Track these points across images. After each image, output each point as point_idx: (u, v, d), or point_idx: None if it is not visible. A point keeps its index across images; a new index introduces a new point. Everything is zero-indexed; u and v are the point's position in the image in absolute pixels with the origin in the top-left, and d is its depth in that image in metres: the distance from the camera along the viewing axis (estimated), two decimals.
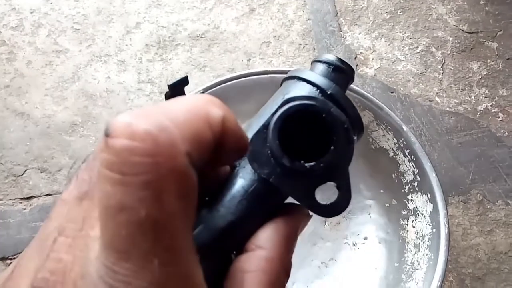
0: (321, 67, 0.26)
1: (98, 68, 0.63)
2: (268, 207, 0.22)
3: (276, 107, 0.21)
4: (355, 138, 0.23)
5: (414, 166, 0.48)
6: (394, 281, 0.48)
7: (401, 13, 0.69)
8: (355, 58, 0.66)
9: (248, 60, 0.65)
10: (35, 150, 0.59)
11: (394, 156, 0.51)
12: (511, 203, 0.58)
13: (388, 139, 0.50)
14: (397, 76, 0.65)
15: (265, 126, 0.21)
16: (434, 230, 0.45)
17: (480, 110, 0.63)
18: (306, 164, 0.20)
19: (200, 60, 0.65)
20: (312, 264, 0.54)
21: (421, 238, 0.47)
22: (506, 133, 0.62)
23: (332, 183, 0.21)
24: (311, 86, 0.24)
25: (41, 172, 0.58)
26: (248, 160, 0.21)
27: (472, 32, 0.68)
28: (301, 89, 0.24)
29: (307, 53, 0.66)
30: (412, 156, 0.48)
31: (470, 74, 0.65)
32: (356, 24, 0.68)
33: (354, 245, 0.54)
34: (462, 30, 0.68)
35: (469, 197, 0.58)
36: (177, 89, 0.25)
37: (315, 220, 0.49)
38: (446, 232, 0.44)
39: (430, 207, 0.47)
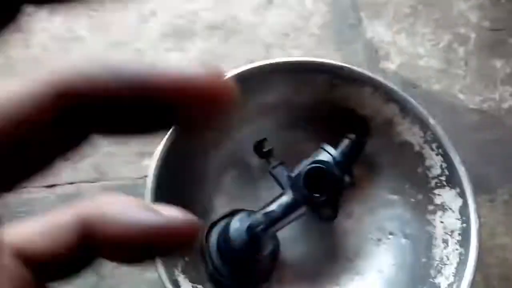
0: (345, 140, 0.49)
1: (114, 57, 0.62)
2: (295, 214, 0.45)
3: (308, 164, 0.44)
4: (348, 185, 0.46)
5: (442, 159, 0.47)
6: (422, 276, 0.47)
7: (422, 8, 0.68)
8: (376, 52, 0.65)
9: (267, 52, 0.64)
10: None
11: (420, 150, 0.50)
12: None
13: (414, 132, 0.49)
14: (419, 72, 0.64)
15: (300, 172, 0.44)
16: (464, 225, 0.45)
17: (505, 108, 0.62)
18: (315, 195, 0.42)
19: (218, 51, 0.64)
20: (337, 259, 0.53)
21: (450, 233, 0.46)
22: None
23: (328, 207, 0.46)
24: (329, 155, 0.46)
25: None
26: (290, 187, 0.45)
27: (495, 30, 0.67)
28: (324, 156, 0.46)
29: (327, 45, 0.65)
30: (440, 150, 0.47)
31: (494, 72, 0.65)
32: (377, 18, 0.67)
33: (379, 240, 0.53)
34: (484, 27, 0.67)
35: (495, 196, 0.57)
36: (259, 143, 0.52)
37: (338, 214, 0.48)
38: (476, 227, 0.43)
39: (459, 201, 0.46)
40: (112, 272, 0.53)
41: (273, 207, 0.45)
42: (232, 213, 0.52)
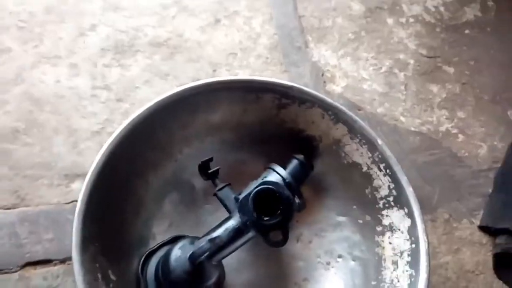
0: (294, 161, 0.49)
1: (46, 71, 0.57)
2: (243, 238, 0.42)
3: (257, 184, 0.41)
4: (296, 209, 0.44)
5: (390, 180, 0.47)
6: None
7: (365, 34, 0.70)
8: (322, 75, 0.65)
9: (214, 71, 0.62)
10: None
11: (368, 171, 0.49)
12: (475, 221, 0.58)
13: (362, 153, 0.49)
14: (363, 95, 0.65)
15: (249, 194, 0.40)
16: (413, 245, 0.44)
17: (442, 130, 0.65)
18: (265, 218, 0.40)
19: (162, 68, 0.61)
20: (285, 285, 0.51)
21: (399, 254, 0.45)
22: (466, 154, 0.63)
23: (278, 231, 0.41)
24: (278, 176, 0.46)
25: None
26: (237, 210, 0.41)
27: (431, 57, 0.71)
28: (274, 177, 0.46)
29: (274, 67, 0.64)
30: (388, 170, 0.47)
31: (431, 96, 0.67)
32: (323, 42, 0.68)
33: (328, 264, 0.51)
34: (422, 54, 0.71)
35: (436, 215, 0.58)
36: (205, 163, 0.47)
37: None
38: (426, 247, 0.43)
39: (407, 222, 0.45)
40: None
41: (218, 232, 0.42)
42: (173, 240, 0.48)
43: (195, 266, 0.42)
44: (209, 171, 0.47)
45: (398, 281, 0.44)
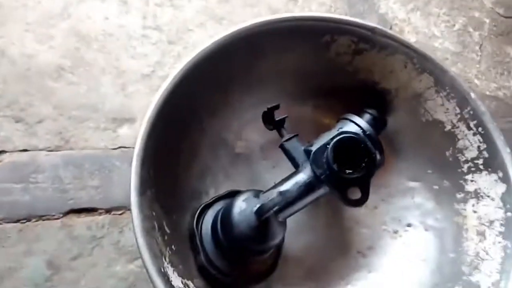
0: (366, 115, 0.43)
1: (94, 7, 0.52)
2: (314, 195, 0.37)
3: (334, 135, 0.36)
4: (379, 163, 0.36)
5: (481, 140, 0.41)
6: (452, 274, 0.41)
7: None
8: (390, 28, 0.59)
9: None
10: (9, 95, 0.46)
11: (453, 130, 0.44)
12: None
13: (447, 109, 0.43)
14: (434, 53, 0.58)
15: (325, 144, 0.35)
16: (508, 214, 0.39)
17: None
18: (347, 171, 0.34)
19: (218, 12, 0.55)
20: (348, 254, 0.46)
21: (487, 224, 0.40)
22: None
23: (358, 188, 0.35)
24: (357, 127, 0.39)
25: (16, 122, 0.46)
26: (310, 163, 0.36)
27: (509, 17, 0.64)
28: (351, 127, 0.39)
29: (341, 15, 0.58)
30: (480, 129, 0.41)
31: (508, 59, 0.61)
32: None
33: (395, 232, 0.47)
34: (499, 14, 0.63)
35: None
36: (270, 111, 0.41)
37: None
38: None
39: (501, 187, 0.40)
40: (70, 263, 0.43)
41: (287, 185, 0.37)
42: (230, 195, 0.44)
43: (262, 222, 0.37)
44: (275, 119, 0.42)
45: (487, 254, 0.39)
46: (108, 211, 0.46)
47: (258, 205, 0.37)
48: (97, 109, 0.48)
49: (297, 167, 0.39)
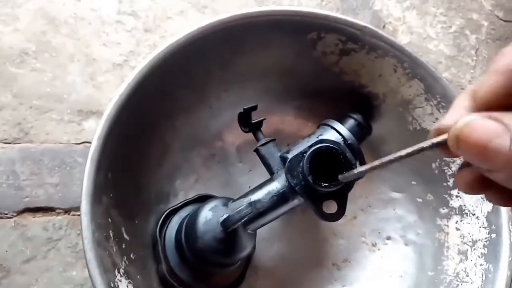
0: (351, 120, 0.39)
1: None
2: (288, 206, 0.34)
3: (312, 142, 0.34)
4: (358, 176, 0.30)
5: None
6: None
7: None
8: (384, 27, 0.56)
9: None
10: None
11: None
12: None
13: (437, 118, 0.41)
14: (428, 56, 0.56)
15: (302, 153, 0.33)
16: (492, 235, 0.36)
17: None
18: (323, 184, 0.30)
19: None
20: (322, 265, 0.43)
21: (470, 243, 0.38)
22: None
23: (334, 201, 0.32)
24: (338, 135, 0.37)
25: None
26: (284, 172, 0.33)
27: (508, 21, 0.60)
28: (331, 135, 0.37)
29: (330, 12, 0.55)
30: None
31: None
32: None
33: (374, 245, 0.44)
34: (498, 17, 0.60)
35: None
36: (246, 112, 0.38)
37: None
38: (510, 240, 0.35)
39: (488, 206, 0.37)
40: (21, 266, 0.40)
41: (259, 195, 0.34)
42: (199, 200, 0.41)
43: (228, 234, 0.34)
44: (252, 121, 0.38)
45: (467, 275, 0.37)
46: (67, 211, 0.42)
47: (225, 216, 0.34)
48: (62, 99, 0.44)
49: (272, 174, 0.37)
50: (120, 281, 0.31)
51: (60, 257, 0.41)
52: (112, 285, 0.30)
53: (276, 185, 0.34)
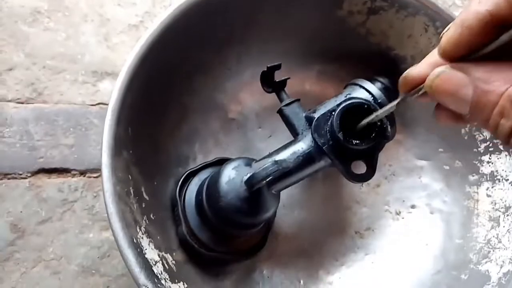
0: (378, 83, 0.37)
1: None
2: (313, 167, 0.33)
3: (341, 101, 0.33)
4: (389, 136, 0.32)
5: None
6: (458, 261, 0.37)
7: None
8: None
9: None
10: None
11: None
12: None
13: None
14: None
15: (330, 111, 0.31)
16: None
17: None
18: (353, 141, 0.29)
19: None
20: (344, 233, 0.42)
21: (502, 209, 0.36)
22: None
23: (362, 162, 0.31)
24: (368, 94, 0.36)
25: None
26: (311, 131, 0.32)
27: None
28: (361, 94, 0.36)
29: None
30: None
31: None
32: None
33: (398, 214, 0.43)
34: None
35: None
36: (270, 71, 0.36)
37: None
38: None
39: None
40: (36, 227, 0.39)
41: (284, 155, 0.33)
42: (219, 162, 0.39)
43: (253, 193, 0.33)
44: (275, 80, 0.37)
45: (500, 242, 0.35)
46: (82, 173, 0.41)
47: (249, 174, 0.32)
48: (75, 60, 0.43)
49: (296, 136, 0.35)
50: (142, 238, 0.30)
51: (76, 219, 0.40)
52: (135, 241, 0.29)
53: (301, 146, 0.33)
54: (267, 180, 0.32)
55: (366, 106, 0.30)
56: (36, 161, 0.40)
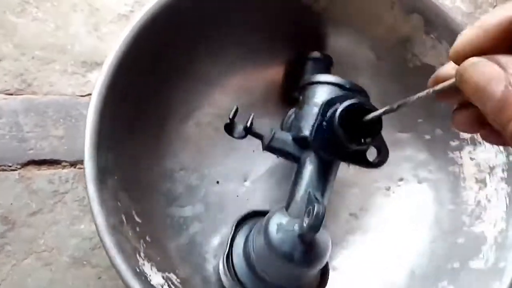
0: (310, 63, 0.41)
1: None
2: (332, 174, 0.34)
3: (320, 107, 0.31)
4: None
5: None
6: (452, 226, 0.39)
7: None
8: None
9: None
10: None
11: None
12: None
13: (439, 52, 0.41)
14: None
15: (318, 125, 0.31)
16: (511, 158, 0.37)
17: None
18: (363, 140, 0.30)
19: None
20: (339, 217, 0.43)
21: (487, 170, 0.38)
22: None
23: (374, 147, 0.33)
24: (333, 86, 0.34)
25: None
26: (313, 150, 0.32)
27: None
28: (328, 90, 0.34)
29: None
30: None
31: None
32: None
33: (388, 189, 0.44)
34: None
35: None
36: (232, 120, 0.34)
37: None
38: None
39: None
40: (27, 219, 0.37)
41: (305, 185, 0.32)
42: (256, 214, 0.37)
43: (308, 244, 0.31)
44: (247, 126, 0.34)
45: (489, 201, 0.37)
46: (73, 164, 0.40)
47: (297, 232, 0.30)
48: (65, 50, 0.43)
49: (297, 161, 0.34)
50: (144, 265, 0.30)
51: (67, 210, 0.39)
52: (138, 270, 0.28)
53: (312, 167, 0.33)
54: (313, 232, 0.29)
55: (366, 105, 0.30)
56: (26, 153, 0.39)
